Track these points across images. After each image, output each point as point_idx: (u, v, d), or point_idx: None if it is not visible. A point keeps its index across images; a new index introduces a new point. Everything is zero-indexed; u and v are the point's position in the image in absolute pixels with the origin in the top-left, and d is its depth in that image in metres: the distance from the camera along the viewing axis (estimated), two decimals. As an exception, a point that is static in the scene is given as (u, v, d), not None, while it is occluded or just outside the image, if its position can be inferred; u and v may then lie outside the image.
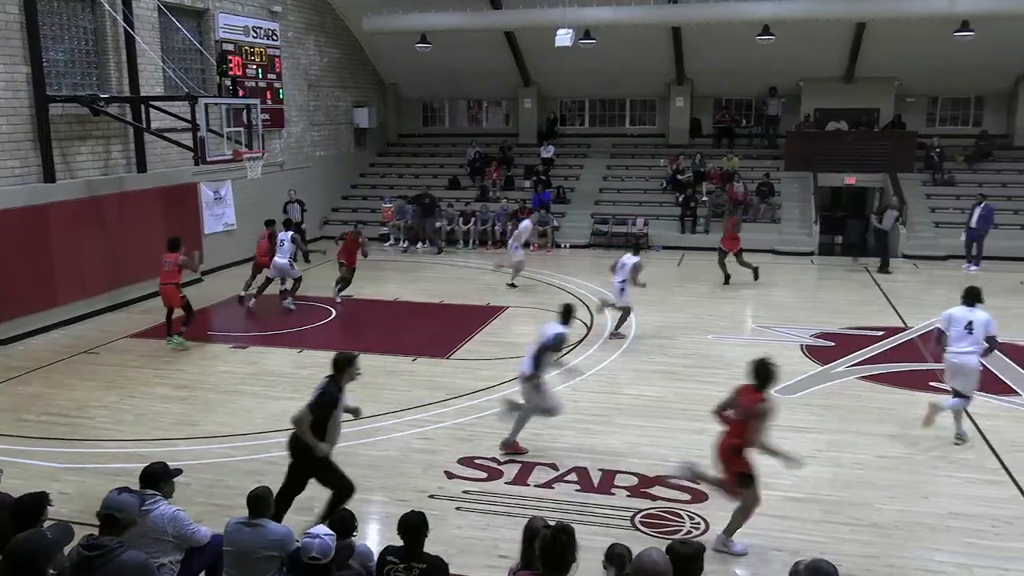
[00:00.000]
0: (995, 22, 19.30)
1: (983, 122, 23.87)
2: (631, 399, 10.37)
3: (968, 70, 21.93)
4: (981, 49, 20.30)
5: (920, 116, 24.05)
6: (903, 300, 15.55)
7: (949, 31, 19.51)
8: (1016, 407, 10.13)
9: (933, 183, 21.95)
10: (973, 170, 22.25)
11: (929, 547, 6.87)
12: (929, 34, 20.13)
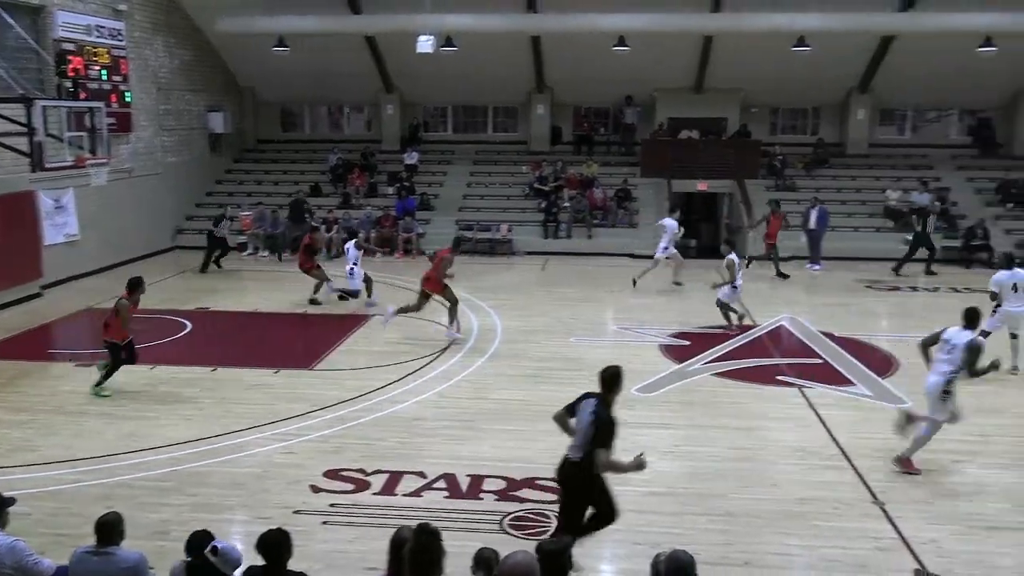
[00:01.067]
0: (829, 38, 20.71)
1: (820, 131, 25.57)
2: (497, 403, 10.46)
3: (806, 82, 23.43)
4: (817, 63, 21.73)
5: (764, 125, 25.50)
6: (752, 299, 16.38)
7: (788, 46, 20.80)
8: (853, 396, 10.88)
9: (776, 188, 23.29)
10: (811, 176, 23.77)
11: (780, 532, 7.27)
12: (771, 48, 21.39)
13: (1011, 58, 20.58)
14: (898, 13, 20.59)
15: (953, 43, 20.53)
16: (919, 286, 18.01)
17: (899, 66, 22.45)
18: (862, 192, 23.05)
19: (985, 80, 22.70)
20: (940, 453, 8.90)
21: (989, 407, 10.37)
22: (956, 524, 7.40)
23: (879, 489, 8.04)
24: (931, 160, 24.38)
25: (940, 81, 22.91)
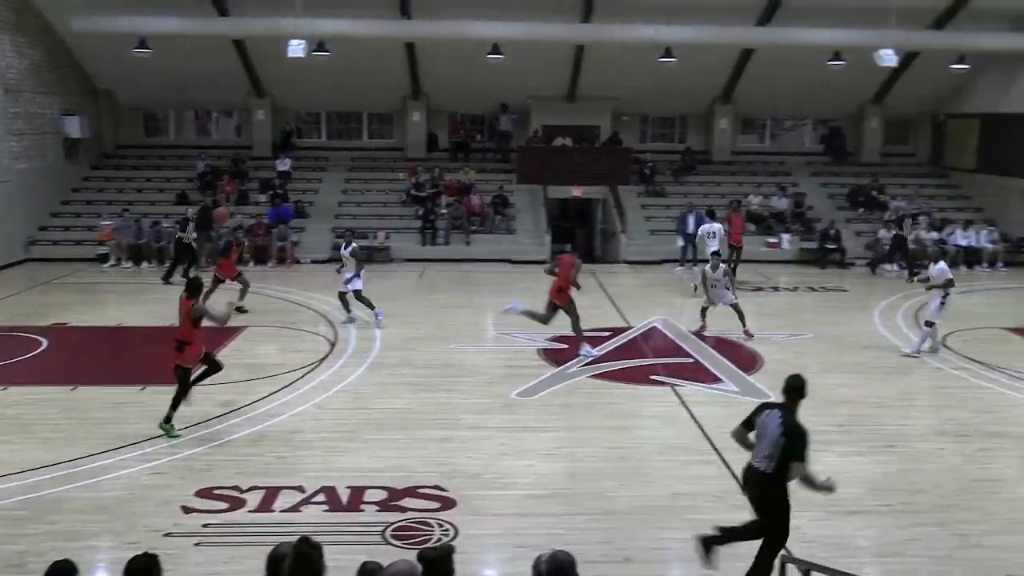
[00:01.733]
0: (694, 50, 21.56)
1: (687, 139, 26.60)
2: (378, 413, 10.34)
3: (673, 92, 24.32)
4: (683, 74, 22.59)
5: (634, 133, 26.31)
6: (625, 302, 16.88)
7: (656, 57, 21.54)
8: (721, 393, 11.35)
9: (647, 194, 24.07)
10: (680, 182, 24.69)
11: (657, 527, 7.50)
12: (640, 59, 22.08)
13: (858, 72, 22.02)
14: (756, 27, 21.67)
15: (806, 57, 21.79)
16: (780, 286, 18.98)
17: (758, 78, 23.64)
18: (726, 197, 24.04)
19: (835, 92, 24.21)
20: (802, 444, 9.42)
21: (845, 398, 11.06)
22: (817, 510, 7.80)
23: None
24: (788, 167, 25.80)
25: (795, 92, 24.27)
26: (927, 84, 24.15)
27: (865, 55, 20.57)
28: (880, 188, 23.97)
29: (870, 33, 20.52)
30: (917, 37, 21.44)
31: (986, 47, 21.74)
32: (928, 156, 26.60)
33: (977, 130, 23.90)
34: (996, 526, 7.58)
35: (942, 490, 8.33)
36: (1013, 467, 8.99)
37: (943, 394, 11.48)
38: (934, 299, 13.03)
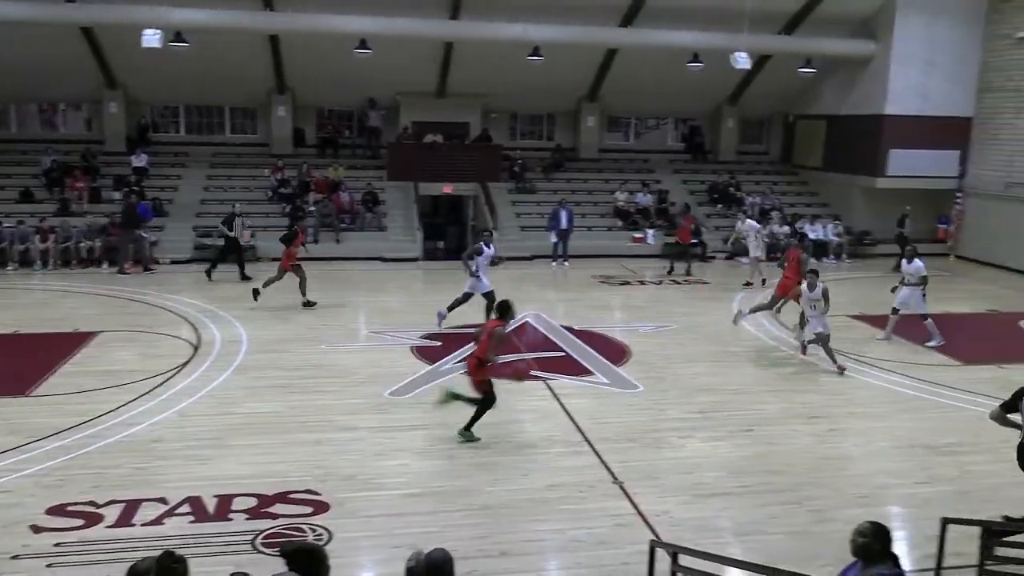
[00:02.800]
0: (561, 49, 21.96)
1: (555, 136, 27.06)
2: (245, 417, 10.01)
3: (541, 90, 24.67)
4: (551, 72, 22.95)
5: (504, 130, 26.54)
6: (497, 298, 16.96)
7: (524, 55, 21.79)
8: (591, 385, 11.63)
9: (517, 191, 24.33)
10: (549, 179, 25.10)
11: (532, 519, 7.61)
12: (508, 56, 22.28)
13: (715, 73, 23.01)
14: (620, 28, 22.29)
15: (667, 58, 22.60)
16: (647, 280, 19.60)
17: (623, 77, 24.32)
18: (594, 194, 24.69)
19: (695, 93, 25.22)
20: (666, 432, 9.79)
21: (706, 386, 11.55)
22: (683, 494, 8.16)
23: (617, 470, 8.66)
24: (652, 164, 26.68)
25: (658, 92, 25.12)
26: (778, 86, 25.53)
27: (721, 58, 21.53)
28: (737, 185, 25.16)
29: (725, 36, 21.52)
30: (768, 41, 22.66)
31: (829, 52, 23.19)
32: (779, 154, 28.12)
33: (823, 131, 25.47)
34: (844, 501, 8.11)
35: (796, 470, 8.84)
36: (859, 445, 9.65)
37: (796, 379, 12.18)
38: (914, 295, 13.77)
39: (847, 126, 24.04)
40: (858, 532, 4.52)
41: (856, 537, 4.52)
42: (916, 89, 22.24)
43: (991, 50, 21.98)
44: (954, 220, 22.45)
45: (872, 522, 4.54)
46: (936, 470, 8.93)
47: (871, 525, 4.49)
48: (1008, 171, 21.37)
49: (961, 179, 22.38)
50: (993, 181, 21.79)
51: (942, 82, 22.27)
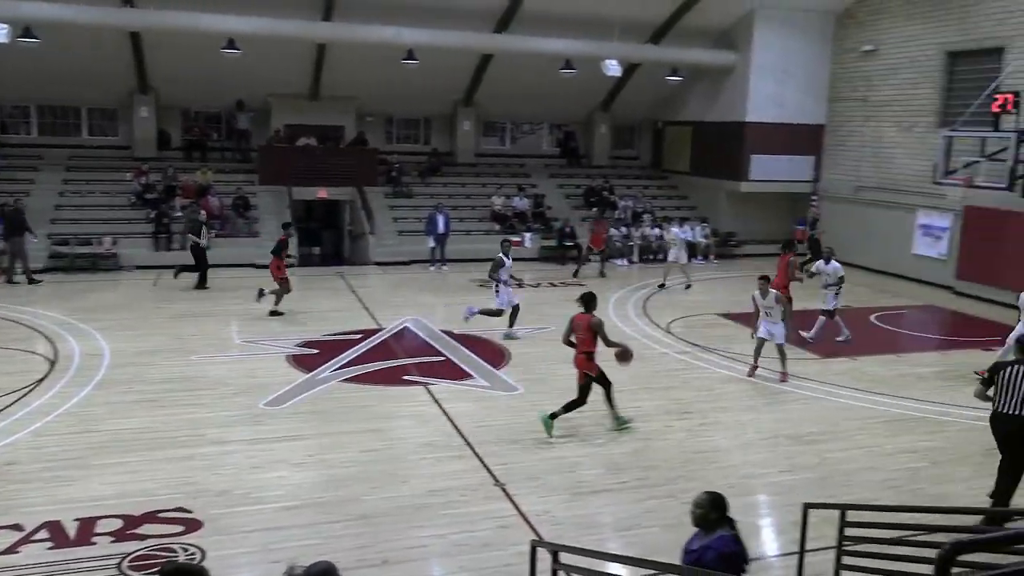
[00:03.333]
0: (436, 53, 21.94)
1: (432, 141, 27.02)
2: (108, 435, 9.49)
3: (417, 94, 24.58)
4: (427, 76, 22.91)
5: (380, 134, 26.29)
6: (375, 303, 16.82)
7: (400, 58, 21.65)
8: (471, 388, 11.67)
9: (394, 195, 24.14)
10: (426, 183, 25.03)
11: (413, 526, 7.56)
12: (383, 59, 22.08)
13: (588, 80, 23.58)
14: (494, 34, 22.49)
15: (541, 64, 22.98)
16: (524, 282, 19.81)
17: (498, 82, 24.55)
18: (471, 198, 24.79)
19: (568, 99, 25.77)
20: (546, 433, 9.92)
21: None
22: (564, 494, 8.29)
23: (499, 472, 8.72)
24: (528, 168, 27.04)
25: (532, 97, 25.51)
26: (647, 94, 26.40)
27: (593, 65, 22.08)
28: (610, 189, 25.83)
29: (596, 44, 22.09)
30: (636, 50, 23.39)
31: (694, 61, 24.16)
32: (650, 159, 29.09)
33: (690, 136, 26.52)
34: (715, 492, 8.44)
35: (670, 464, 9.15)
36: (727, 438, 10.08)
37: (669, 376, 12.60)
38: (827, 294, 14.27)
39: (712, 132, 25.12)
40: (695, 504, 4.81)
41: (695, 509, 4.81)
42: (773, 98, 23.47)
43: (839, 62, 23.47)
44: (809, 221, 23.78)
45: (708, 492, 4.84)
46: (798, 459, 9.43)
47: (707, 496, 4.79)
48: (857, 175, 22.85)
49: (816, 183, 23.76)
50: (844, 185, 23.25)
51: (797, 92, 23.60)
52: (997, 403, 7.71)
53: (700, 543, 4.74)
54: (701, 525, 4.78)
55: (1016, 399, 7.56)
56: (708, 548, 4.66)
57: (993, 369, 7.91)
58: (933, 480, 8.91)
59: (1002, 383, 7.66)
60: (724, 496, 4.81)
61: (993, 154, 16.88)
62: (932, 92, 20.50)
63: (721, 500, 4.77)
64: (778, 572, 7.00)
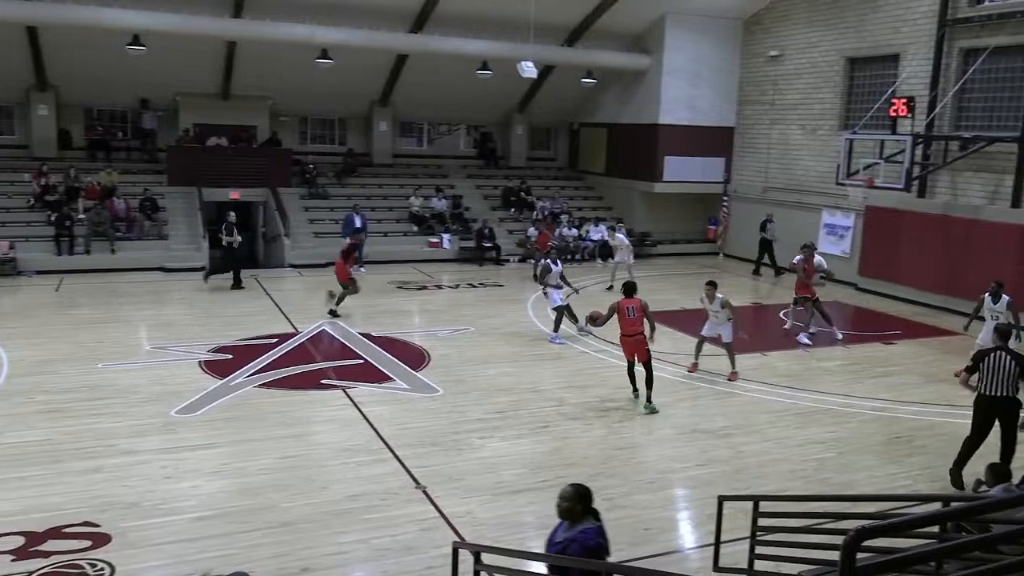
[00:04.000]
0: (350, 52, 21.69)
1: (348, 141, 26.67)
2: (9, 448, 9.04)
3: (332, 94, 24.25)
4: (341, 76, 22.62)
5: (294, 134, 25.82)
6: (292, 307, 16.52)
7: (313, 57, 21.30)
8: (391, 391, 11.57)
9: (310, 197, 23.75)
10: (342, 184, 24.71)
11: (334, 532, 7.45)
12: (296, 58, 21.69)
13: (504, 82, 23.68)
14: (410, 34, 22.35)
15: (458, 65, 22.97)
16: (443, 284, 19.80)
17: (414, 83, 24.42)
18: (388, 199, 24.59)
19: (485, 100, 25.83)
20: (467, 434, 9.94)
21: (505, 386, 11.84)
22: (485, 494, 8.31)
23: (420, 475, 8.68)
24: (446, 169, 26.99)
25: (449, 98, 25.47)
26: (563, 95, 26.67)
27: (509, 66, 22.18)
28: (528, 190, 26.00)
29: (512, 46, 22.20)
30: (551, 52, 23.60)
31: (607, 64, 24.52)
32: (566, 160, 29.40)
33: (605, 138, 26.91)
34: (633, 487, 8.60)
35: (590, 461, 9.27)
36: (645, 434, 10.27)
37: (588, 375, 12.75)
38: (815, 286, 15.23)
39: (626, 134, 25.55)
40: (561, 497, 4.86)
41: (560, 502, 4.85)
42: (686, 101, 24.04)
43: (747, 67, 24.19)
44: (722, 221, 24.44)
45: (572, 485, 4.89)
46: (713, 452, 9.68)
47: (571, 488, 4.84)
48: (765, 176, 23.59)
49: (727, 184, 24.42)
50: (753, 186, 23.98)
51: (708, 95, 24.22)
52: (981, 386, 8.62)
53: (564, 535, 4.79)
54: (567, 518, 4.83)
55: (997, 382, 8.51)
56: (572, 541, 4.72)
57: (977, 357, 8.76)
58: (839, 469, 9.27)
59: (986, 369, 8.57)
60: (589, 488, 4.86)
61: (891, 156, 17.67)
62: (834, 96, 21.33)
63: (587, 492, 4.83)
64: (695, 564, 7.17)
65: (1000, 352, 8.60)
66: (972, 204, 17.72)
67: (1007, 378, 8.51)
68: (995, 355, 8.59)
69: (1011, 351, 8.68)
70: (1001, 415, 8.63)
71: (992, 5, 17.52)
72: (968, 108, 18.19)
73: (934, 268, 17.94)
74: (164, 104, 23.57)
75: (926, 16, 18.67)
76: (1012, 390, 8.54)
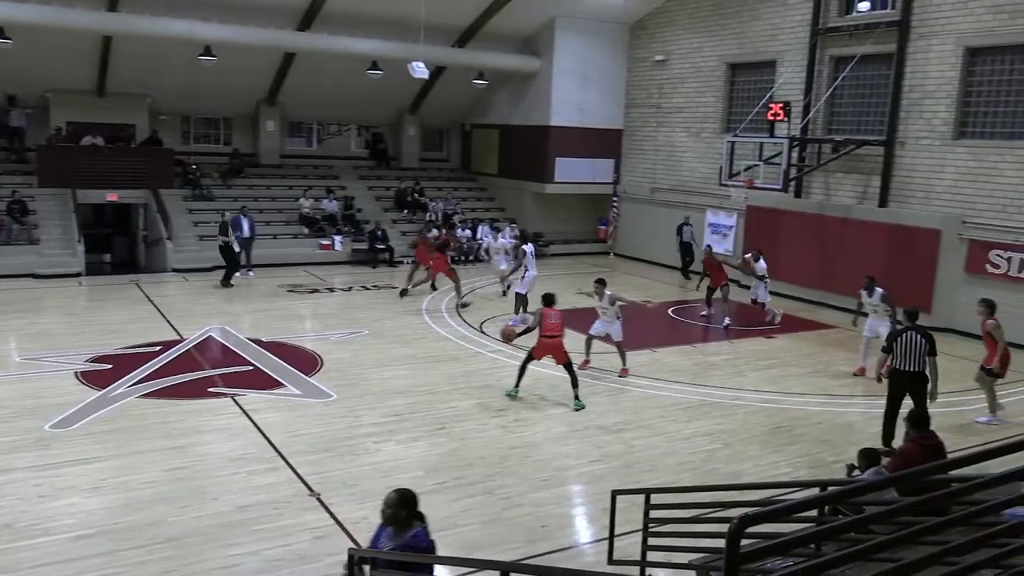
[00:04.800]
0: (235, 50, 21.03)
1: (233, 141, 25.87)
2: None
3: (216, 93, 23.48)
4: (226, 74, 21.93)
5: (176, 133, 24.86)
6: (176, 313, 15.91)
7: (196, 54, 20.56)
8: (284, 398, 11.31)
9: (193, 198, 22.92)
10: (228, 186, 23.95)
11: (225, 545, 7.22)
12: (178, 55, 20.89)
13: (395, 82, 23.47)
14: (297, 32, 21.86)
15: (347, 65, 22.63)
16: (335, 287, 19.47)
17: (302, 82, 23.91)
18: (277, 201, 24.01)
19: (376, 100, 25.56)
20: (362, 438, 9.82)
21: (400, 389, 11.75)
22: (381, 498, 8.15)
23: (314, 482, 8.51)
24: (337, 170, 26.55)
25: (339, 98, 25.08)
26: (455, 96, 26.67)
27: (400, 67, 22.01)
28: (421, 191, 25.87)
29: (403, 46, 22.05)
30: (442, 53, 23.56)
31: (498, 66, 24.67)
32: (459, 161, 29.41)
33: (497, 139, 27.07)
34: (530, 486, 8.69)
35: (486, 461, 9.31)
36: (540, 433, 10.38)
37: (483, 375, 12.79)
38: (759, 286, 16.47)
39: (518, 135, 25.78)
40: (386, 504, 4.85)
41: (385, 508, 4.85)
42: (575, 103, 24.44)
43: (634, 71, 24.80)
44: (612, 221, 24.97)
45: (397, 490, 4.90)
46: (607, 448, 9.88)
47: (395, 495, 4.85)
48: (652, 178, 24.25)
49: (616, 185, 24.97)
50: (641, 187, 24.60)
51: (598, 97, 24.70)
52: (896, 363, 9.59)
53: (392, 543, 4.77)
54: (392, 524, 4.80)
55: (910, 358, 9.53)
56: (407, 547, 4.73)
57: (890, 338, 9.82)
58: (726, 460, 9.62)
59: (900, 347, 9.57)
60: (413, 492, 4.87)
61: (769, 158, 18.46)
62: (716, 100, 22.12)
63: (411, 497, 4.82)
64: (591, 558, 7.30)
65: (912, 332, 9.58)
66: (844, 204, 18.73)
67: (918, 355, 9.53)
68: (908, 335, 9.57)
69: (921, 330, 9.70)
70: (912, 387, 9.59)
71: (859, 16, 18.57)
72: (839, 112, 19.22)
73: (810, 265, 18.86)
74: (33, 101, 22.30)
75: (800, 25, 19.61)
76: (921, 365, 9.55)
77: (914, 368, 9.58)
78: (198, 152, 24.75)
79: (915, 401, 9.50)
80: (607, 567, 6.87)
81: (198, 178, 23.26)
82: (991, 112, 16.24)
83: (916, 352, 9.57)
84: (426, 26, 21.30)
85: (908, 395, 9.68)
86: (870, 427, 10.66)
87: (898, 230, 17.14)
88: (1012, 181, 15.62)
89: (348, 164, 27.26)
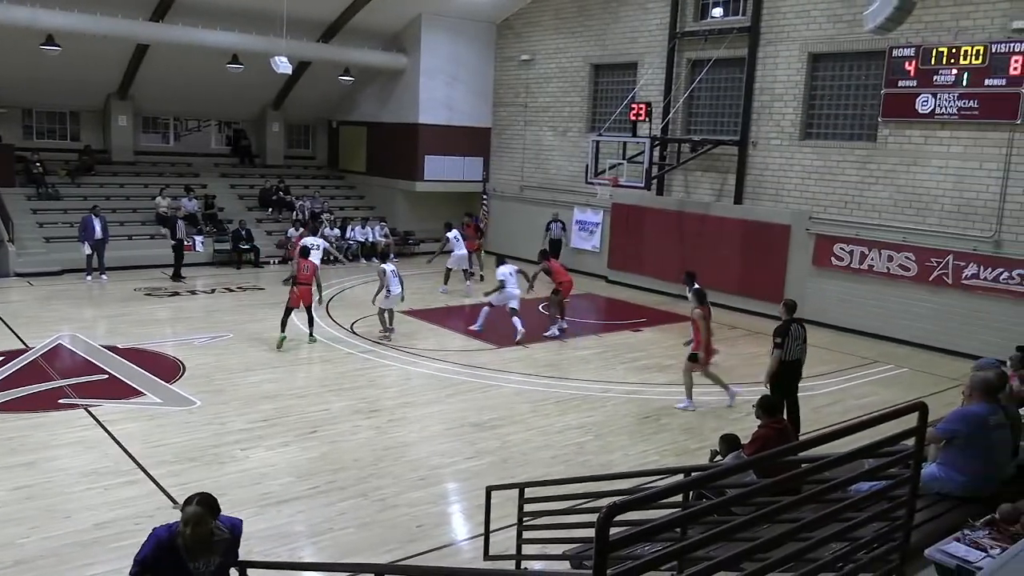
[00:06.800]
0: (82, 40, 19.76)
1: (82, 137, 24.35)
2: None
3: (61, 85, 22.03)
4: (72, 65, 20.60)
5: (17, 128, 23.18)
6: (21, 320, 14.87)
7: (37, 44, 19.21)
8: (143, 407, 10.77)
9: (38, 198, 21.46)
10: (78, 184, 22.56)
11: (80, 565, 6.83)
12: (18, 44, 19.47)
13: (257, 77, 22.70)
14: (149, 23, 20.78)
15: (206, 58, 21.70)
16: (197, 289, 18.70)
17: (157, 75, 22.78)
18: (132, 200, 22.80)
19: (238, 95, 24.68)
20: (229, 446, 9.50)
21: (269, 393, 11.43)
22: (251, 506, 7.96)
23: (178, 493, 8.14)
24: (196, 168, 25.47)
25: (197, 93, 24.06)
26: (320, 93, 26.11)
27: (262, 61, 21.33)
28: (286, 189, 25.19)
29: (265, 40, 21.37)
30: (307, 48, 23.02)
31: (364, 62, 24.32)
32: (327, 159, 28.82)
33: (365, 137, 26.69)
34: (405, 486, 8.65)
35: (360, 463, 9.19)
36: (415, 432, 10.34)
37: (355, 376, 12.62)
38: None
39: (386, 133, 25.52)
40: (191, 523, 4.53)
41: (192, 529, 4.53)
42: (443, 101, 24.42)
43: (501, 69, 25.03)
44: (482, 219, 25.12)
45: (200, 494, 4.64)
46: (481, 444, 9.95)
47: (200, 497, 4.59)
48: (521, 176, 24.56)
49: (486, 183, 25.13)
50: (510, 184, 24.87)
51: (466, 95, 24.76)
52: (785, 354, 10.05)
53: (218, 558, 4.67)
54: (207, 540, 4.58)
55: (796, 348, 10.17)
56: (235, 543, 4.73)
57: (781, 333, 10.12)
58: (597, 451, 9.89)
59: (788, 339, 10.08)
60: (214, 497, 4.67)
61: (632, 157, 19.05)
62: (581, 100, 22.63)
63: (213, 502, 4.63)
64: (468, 555, 7.34)
65: (796, 324, 10.26)
66: (702, 201, 19.56)
67: (802, 344, 10.27)
68: (794, 327, 10.20)
69: (801, 321, 10.49)
70: (795, 375, 10.30)
71: (713, 21, 19.43)
72: (697, 113, 20.06)
73: (673, 259, 19.60)
74: None
75: (659, 28, 20.33)
76: (801, 353, 10.29)
77: (798, 357, 10.26)
78: (43, 148, 23.14)
79: (794, 387, 10.26)
80: (483, 563, 6.93)
81: (43, 176, 21.79)
82: (833, 115, 17.37)
83: (801, 342, 10.27)
84: (289, 20, 20.75)
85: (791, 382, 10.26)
86: (731, 414, 11.21)
87: (752, 226, 18.08)
88: (852, 179, 16.76)
89: (208, 161, 26.23)
